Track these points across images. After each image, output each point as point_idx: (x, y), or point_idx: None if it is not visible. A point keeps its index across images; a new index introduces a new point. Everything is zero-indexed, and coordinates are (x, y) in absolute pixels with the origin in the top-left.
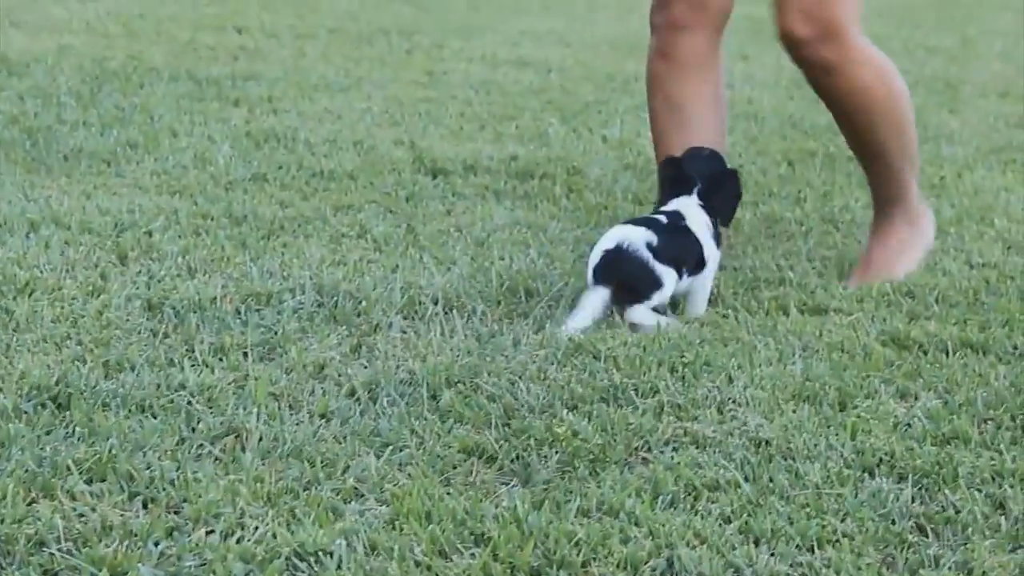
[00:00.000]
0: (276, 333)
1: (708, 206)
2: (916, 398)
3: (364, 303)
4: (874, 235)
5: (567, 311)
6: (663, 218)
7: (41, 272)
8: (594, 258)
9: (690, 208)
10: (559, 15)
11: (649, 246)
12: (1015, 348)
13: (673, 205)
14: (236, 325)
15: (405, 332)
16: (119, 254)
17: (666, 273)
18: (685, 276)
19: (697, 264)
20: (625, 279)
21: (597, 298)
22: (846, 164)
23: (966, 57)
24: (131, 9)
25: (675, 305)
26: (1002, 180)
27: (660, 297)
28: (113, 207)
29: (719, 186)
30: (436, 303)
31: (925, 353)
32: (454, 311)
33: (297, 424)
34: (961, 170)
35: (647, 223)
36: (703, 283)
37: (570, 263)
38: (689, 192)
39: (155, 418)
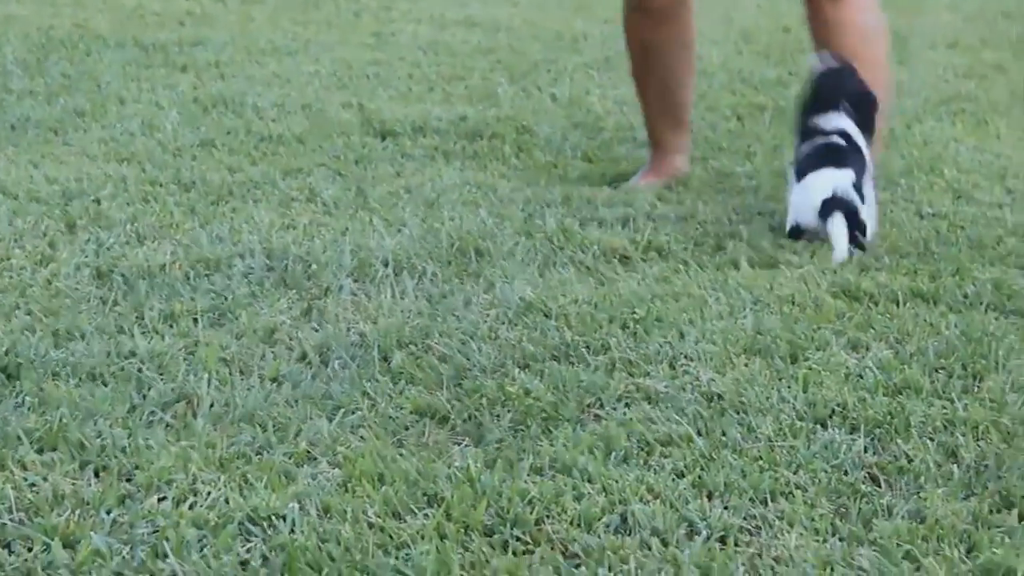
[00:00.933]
0: (226, 299)
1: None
2: (867, 349)
3: (314, 267)
4: None
5: (519, 270)
6: (841, 141)
7: None
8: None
9: (848, 124)
10: None
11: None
12: (965, 297)
13: (835, 123)
14: (186, 291)
15: (355, 295)
16: (67, 222)
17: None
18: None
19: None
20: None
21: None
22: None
23: (915, 9)
24: None
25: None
26: (951, 131)
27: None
28: (61, 176)
29: (861, 103)
30: (386, 265)
31: (876, 304)
32: (404, 273)
33: (248, 389)
34: (911, 121)
35: (837, 159)
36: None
37: (520, 222)
38: (838, 109)
39: (106, 386)
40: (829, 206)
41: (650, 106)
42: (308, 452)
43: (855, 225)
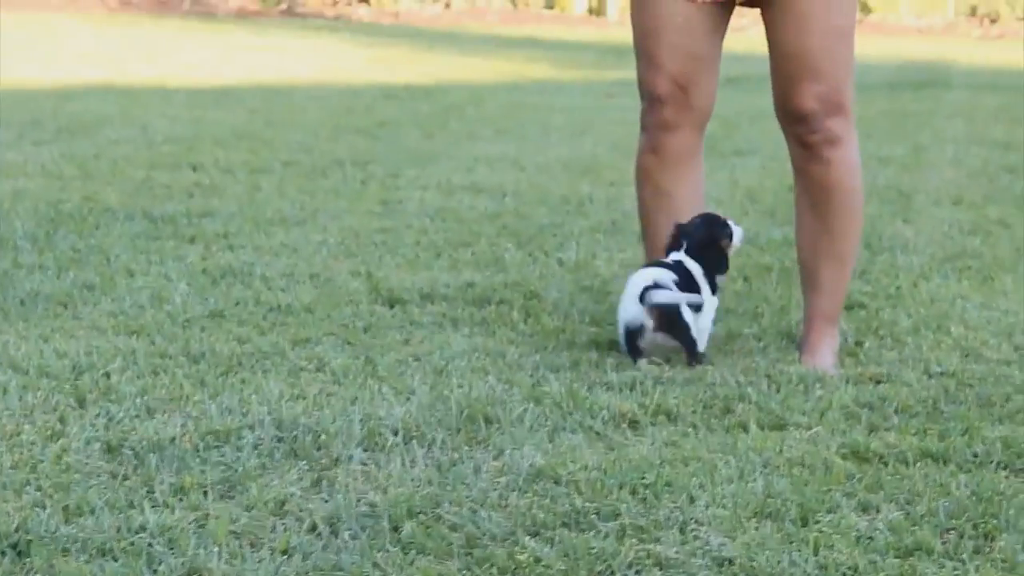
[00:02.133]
0: (236, 470)
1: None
2: (878, 510)
3: (324, 437)
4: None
5: (529, 436)
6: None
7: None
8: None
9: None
10: (512, 139)
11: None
12: (975, 456)
13: (673, 256)
14: (196, 464)
15: (365, 464)
16: (77, 397)
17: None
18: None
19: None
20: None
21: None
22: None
23: (918, 165)
24: (86, 151)
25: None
26: (957, 288)
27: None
28: (71, 350)
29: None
30: (396, 434)
31: (886, 465)
32: (414, 441)
33: (259, 562)
34: (916, 279)
35: (664, 266)
36: (704, 325)
37: (529, 387)
38: (679, 249)
39: (116, 561)
40: (647, 289)
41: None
42: None
43: (675, 316)
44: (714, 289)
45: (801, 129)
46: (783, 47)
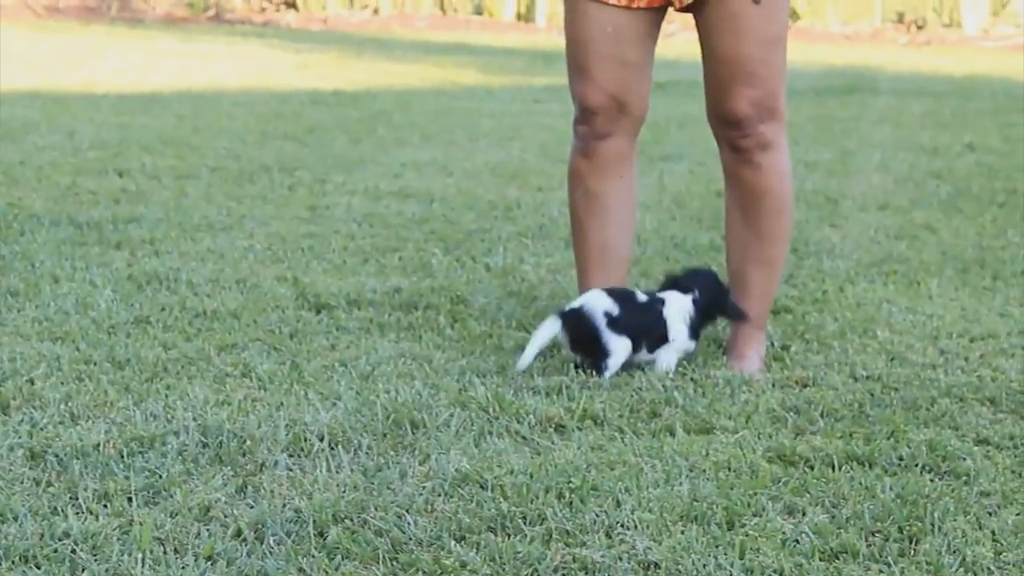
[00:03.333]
0: (160, 476)
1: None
2: (804, 513)
3: (249, 442)
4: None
5: (455, 441)
6: (644, 297)
7: None
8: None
9: (675, 297)
10: (440, 145)
11: (607, 315)
12: (900, 459)
13: (662, 295)
14: (120, 470)
15: (291, 470)
16: (1, 403)
17: (616, 341)
18: (643, 349)
19: (659, 340)
20: (577, 341)
21: (547, 334)
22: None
23: (845, 171)
24: (11, 157)
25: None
26: (884, 292)
27: (611, 363)
28: None
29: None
30: (322, 439)
31: (811, 468)
32: (340, 446)
33: (183, 568)
34: (843, 284)
35: (617, 295)
36: (663, 357)
37: (455, 392)
38: (684, 292)
39: (39, 568)
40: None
41: (587, 264)
42: None
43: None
44: (695, 334)
45: (734, 133)
46: (718, 52)
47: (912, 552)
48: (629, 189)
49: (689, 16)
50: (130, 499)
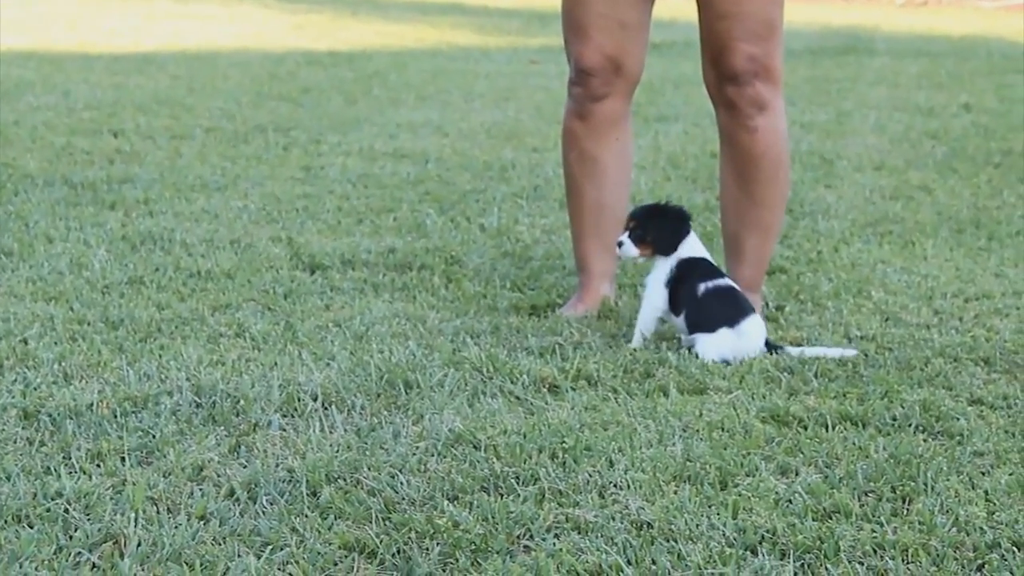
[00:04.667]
0: (154, 436)
1: None
2: (797, 474)
3: (242, 402)
4: None
5: (448, 401)
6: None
7: None
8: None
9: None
10: (435, 106)
11: None
12: (894, 419)
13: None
14: (113, 430)
15: (284, 430)
16: None
17: None
18: None
19: None
20: None
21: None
22: (722, 243)
23: (841, 132)
24: (5, 117)
25: None
26: (879, 252)
27: None
28: None
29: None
30: (315, 399)
31: (805, 428)
32: (333, 406)
33: (176, 527)
34: (838, 244)
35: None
36: None
37: (449, 353)
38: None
39: (32, 528)
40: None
41: (582, 225)
42: None
43: None
44: None
45: (730, 89)
46: (717, 8)
47: (905, 512)
48: (624, 150)
49: None
50: (123, 459)
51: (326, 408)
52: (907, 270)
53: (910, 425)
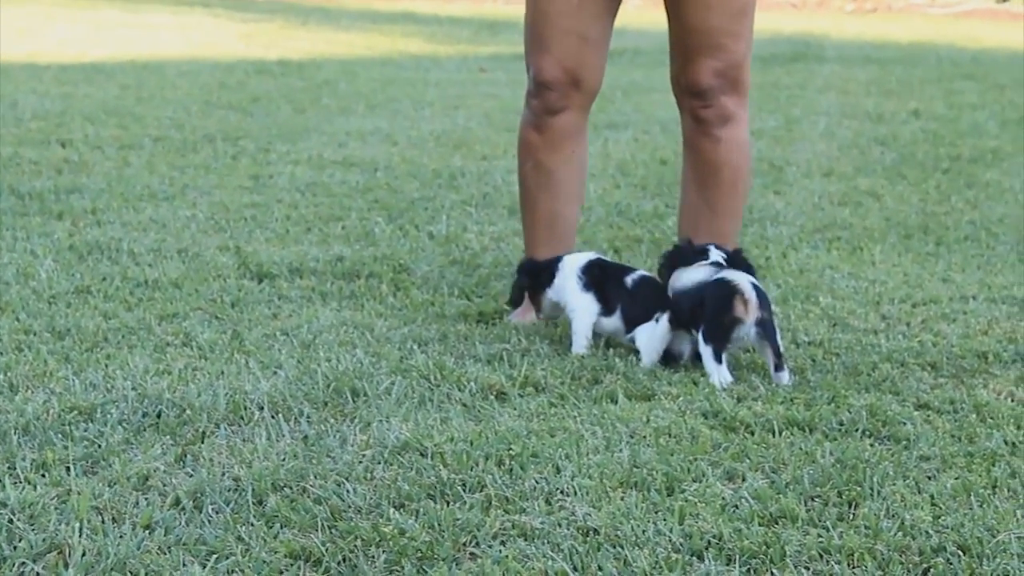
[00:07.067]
0: (99, 446)
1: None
2: (743, 479)
3: (188, 411)
4: None
5: (395, 409)
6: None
7: None
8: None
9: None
10: (385, 114)
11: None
12: (841, 424)
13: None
14: (58, 439)
15: (230, 438)
16: None
17: None
18: None
19: None
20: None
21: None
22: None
23: (790, 138)
24: None
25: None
26: (827, 258)
27: None
28: None
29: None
30: (262, 408)
31: (752, 434)
32: (280, 415)
33: (120, 537)
34: (786, 250)
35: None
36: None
37: (397, 360)
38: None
39: None
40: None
41: (535, 235)
42: None
43: None
44: None
45: (696, 103)
46: (685, 21)
47: (851, 516)
48: (579, 162)
49: None
50: (68, 468)
51: (273, 416)
52: (855, 275)
53: (857, 430)
